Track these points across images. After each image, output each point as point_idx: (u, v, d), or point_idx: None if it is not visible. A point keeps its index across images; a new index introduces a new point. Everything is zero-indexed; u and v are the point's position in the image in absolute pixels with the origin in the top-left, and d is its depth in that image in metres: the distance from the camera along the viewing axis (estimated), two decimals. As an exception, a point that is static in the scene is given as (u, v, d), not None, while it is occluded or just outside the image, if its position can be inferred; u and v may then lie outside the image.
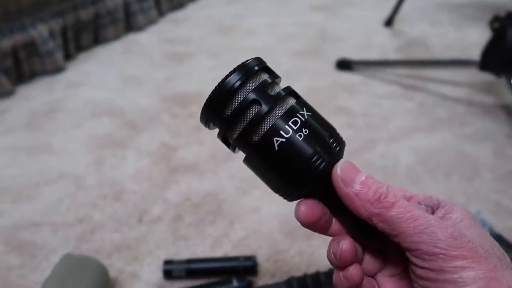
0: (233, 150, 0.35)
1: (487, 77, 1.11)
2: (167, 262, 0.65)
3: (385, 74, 1.25)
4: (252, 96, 0.33)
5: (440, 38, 1.51)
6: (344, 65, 1.28)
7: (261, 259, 0.68)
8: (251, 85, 0.33)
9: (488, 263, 0.28)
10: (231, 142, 0.35)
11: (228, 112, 0.33)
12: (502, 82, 1.11)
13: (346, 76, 1.26)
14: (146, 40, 1.56)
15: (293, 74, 1.28)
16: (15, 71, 1.24)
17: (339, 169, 0.32)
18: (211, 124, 0.35)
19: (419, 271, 0.30)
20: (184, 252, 0.70)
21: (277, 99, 0.33)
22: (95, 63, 1.40)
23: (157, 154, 0.95)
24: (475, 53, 1.08)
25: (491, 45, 1.03)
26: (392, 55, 1.39)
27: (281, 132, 0.32)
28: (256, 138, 0.33)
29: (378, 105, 1.12)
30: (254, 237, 0.73)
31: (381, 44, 1.48)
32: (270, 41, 1.54)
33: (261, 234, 0.73)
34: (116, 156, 0.95)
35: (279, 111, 0.33)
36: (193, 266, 0.64)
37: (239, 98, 0.33)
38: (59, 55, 1.32)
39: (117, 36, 1.55)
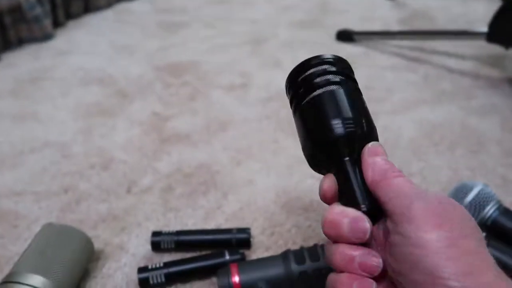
0: (293, 112, 0.41)
1: (493, 50, 1.07)
2: (155, 234, 0.61)
3: (388, 46, 1.20)
4: (326, 68, 0.39)
5: (445, 11, 1.45)
6: (345, 36, 1.23)
7: (255, 231, 0.65)
8: (334, 68, 0.39)
9: (452, 230, 0.30)
10: (293, 102, 0.40)
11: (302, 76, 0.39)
12: (509, 54, 1.06)
13: (347, 48, 1.21)
14: (139, 8, 1.50)
15: (292, 45, 1.23)
16: (1, 38, 1.19)
17: (371, 144, 0.37)
18: (288, 90, 0.41)
19: (393, 238, 0.32)
20: (175, 224, 0.67)
21: (342, 80, 0.39)
22: (85, 31, 1.34)
23: (148, 123, 0.91)
24: (481, 27, 1.03)
25: (500, 15, 0.98)
26: (395, 28, 1.33)
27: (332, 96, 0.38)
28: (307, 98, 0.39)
29: (381, 77, 1.07)
30: (248, 209, 0.69)
31: (383, 17, 1.42)
32: (269, 12, 1.49)
33: (256, 206, 0.69)
34: (105, 125, 0.90)
35: (334, 86, 0.38)
36: (183, 238, 0.60)
37: (317, 70, 0.39)
38: (47, 22, 1.26)
39: (109, 4, 1.49)
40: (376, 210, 0.35)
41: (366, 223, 0.34)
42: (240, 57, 1.18)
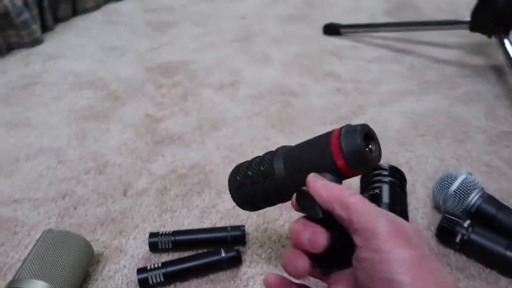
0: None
1: (477, 38, 1.09)
2: (153, 235, 0.63)
3: (374, 38, 1.22)
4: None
5: (430, 0, 1.47)
6: (331, 29, 1.24)
7: (250, 228, 0.67)
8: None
9: (417, 249, 0.33)
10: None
11: None
12: (492, 42, 1.08)
13: (334, 41, 1.22)
14: (127, 9, 1.51)
15: (280, 40, 1.25)
16: (-10, 44, 1.19)
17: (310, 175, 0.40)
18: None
19: (359, 252, 0.35)
20: (171, 224, 0.69)
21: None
22: (74, 34, 1.34)
23: (141, 126, 0.92)
24: (466, 15, 1.05)
25: (481, 4, 1.00)
26: (381, 19, 1.35)
27: None
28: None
29: (367, 69, 1.09)
30: (242, 206, 0.71)
31: (370, 8, 1.44)
32: (256, 7, 1.49)
33: (250, 203, 0.72)
34: (98, 129, 0.92)
35: None
36: (180, 237, 0.63)
37: None
38: (35, 27, 1.26)
39: (96, 6, 1.49)
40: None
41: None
42: (229, 54, 1.19)
